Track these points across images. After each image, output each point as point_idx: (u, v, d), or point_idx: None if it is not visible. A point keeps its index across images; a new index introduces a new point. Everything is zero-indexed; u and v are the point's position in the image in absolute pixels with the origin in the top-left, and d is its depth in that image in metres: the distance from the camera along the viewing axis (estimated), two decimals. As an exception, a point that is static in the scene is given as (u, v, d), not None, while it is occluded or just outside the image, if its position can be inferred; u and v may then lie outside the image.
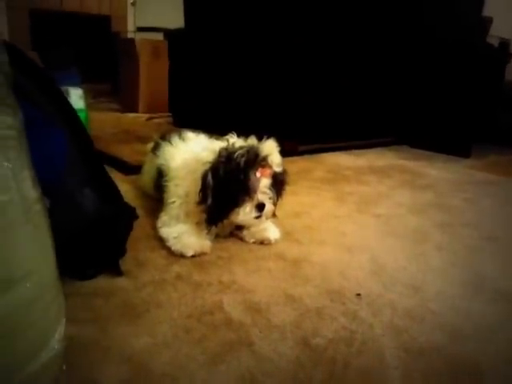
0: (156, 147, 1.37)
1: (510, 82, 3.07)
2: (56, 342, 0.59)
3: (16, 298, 0.52)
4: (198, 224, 1.13)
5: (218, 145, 1.12)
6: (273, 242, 1.18)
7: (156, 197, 1.32)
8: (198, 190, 1.07)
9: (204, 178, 1.06)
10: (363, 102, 2.63)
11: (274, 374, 0.71)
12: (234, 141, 1.11)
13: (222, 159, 1.06)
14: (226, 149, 1.08)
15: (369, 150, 2.56)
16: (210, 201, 1.06)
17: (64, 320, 0.62)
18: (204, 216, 1.10)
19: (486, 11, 3.01)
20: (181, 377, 0.69)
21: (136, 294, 0.90)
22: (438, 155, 2.54)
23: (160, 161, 1.28)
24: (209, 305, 0.88)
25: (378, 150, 2.60)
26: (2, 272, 0.50)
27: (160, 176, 1.25)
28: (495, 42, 2.94)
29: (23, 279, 0.53)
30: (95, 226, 0.93)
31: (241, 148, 1.07)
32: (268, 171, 1.08)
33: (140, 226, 1.11)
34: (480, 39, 2.65)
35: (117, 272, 0.96)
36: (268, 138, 1.11)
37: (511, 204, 1.74)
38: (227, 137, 1.14)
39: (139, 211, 1.07)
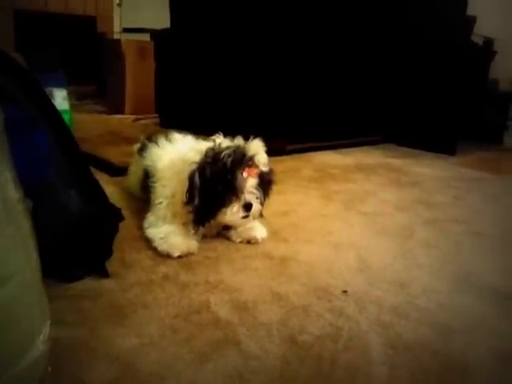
0: (142, 148, 1.37)
1: (494, 79, 3.12)
2: (41, 343, 0.58)
3: (3, 297, 0.51)
4: (184, 224, 1.13)
5: (204, 145, 1.12)
6: (260, 241, 1.18)
7: (142, 198, 1.32)
8: (185, 190, 1.07)
9: (191, 178, 1.06)
10: (350, 101, 2.65)
11: (261, 372, 0.71)
12: (221, 141, 1.11)
13: (209, 159, 1.06)
14: (212, 149, 1.08)
15: (356, 149, 2.58)
16: (196, 201, 1.06)
17: (48, 321, 0.61)
18: (191, 216, 1.10)
19: (470, 10, 3.05)
20: (168, 376, 0.69)
21: (123, 295, 0.90)
22: (425, 153, 2.56)
23: (147, 162, 1.28)
24: (196, 304, 0.88)
25: (366, 148, 2.62)
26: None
27: (147, 177, 1.25)
28: (479, 41, 2.98)
29: (9, 277, 0.53)
30: (81, 227, 0.93)
31: (227, 148, 1.07)
32: (254, 171, 1.08)
33: (126, 227, 1.10)
34: (464, 38, 2.67)
35: (103, 273, 0.95)
36: (254, 137, 1.12)
37: (497, 200, 1.77)
38: (214, 137, 1.14)
39: (125, 212, 1.07)
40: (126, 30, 3.93)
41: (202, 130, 1.71)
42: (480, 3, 3.03)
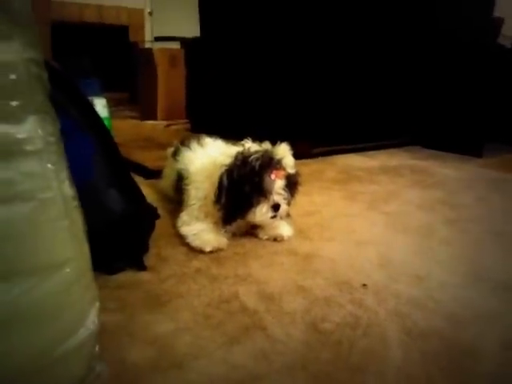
0: (176, 152, 1.46)
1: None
2: (91, 323, 0.67)
3: (59, 281, 0.60)
4: (216, 223, 1.21)
5: (234, 149, 1.20)
6: (285, 238, 1.25)
7: (175, 199, 1.41)
8: (215, 190, 1.15)
9: (220, 179, 1.14)
10: (376, 103, 2.69)
11: (284, 354, 0.78)
12: (250, 145, 1.19)
13: (238, 162, 1.14)
14: (241, 153, 1.16)
15: (381, 151, 2.61)
16: (223, 200, 1.14)
17: (97, 303, 0.70)
18: (220, 215, 1.18)
19: (498, 12, 3.04)
20: (201, 356, 0.76)
21: (159, 286, 0.98)
22: (451, 155, 2.57)
23: (180, 165, 1.36)
24: (226, 295, 0.96)
25: (391, 150, 2.65)
26: (48, 258, 0.58)
27: (180, 179, 1.34)
28: (508, 42, 2.97)
29: (64, 265, 0.61)
30: (121, 224, 1.02)
31: (256, 152, 1.15)
32: (282, 173, 1.16)
33: (161, 225, 1.19)
34: (491, 40, 2.68)
35: (141, 266, 1.04)
36: (281, 142, 1.19)
37: (521, 201, 1.78)
38: (243, 142, 1.22)
39: (160, 212, 1.15)
40: (157, 39, 4.07)
41: (231, 134, 1.80)
42: (508, 4, 3.02)
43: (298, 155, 1.25)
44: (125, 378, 0.71)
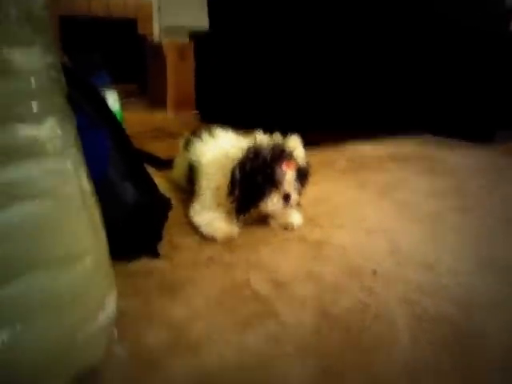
0: (187, 143, 1.48)
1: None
2: (110, 308, 0.70)
3: (80, 271, 0.63)
4: (228, 213, 1.23)
5: (245, 142, 1.22)
6: (295, 227, 1.27)
7: (187, 189, 1.43)
8: (228, 183, 1.18)
9: (232, 172, 1.17)
10: (385, 91, 2.68)
11: (296, 337, 0.80)
12: (261, 138, 1.21)
13: (250, 155, 1.17)
14: (253, 146, 1.19)
15: (391, 139, 2.61)
16: (237, 192, 1.16)
17: (115, 291, 0.73)
18: (233, 207, 1.21)
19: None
20: (215, 339, 0.79)
21: (172, 273, 1.01)
22: (461, 142, 2.56)
23: (191, 156, 1.39)
24: (238, 282, 0.99)
25: (401, 138, 2.65)
26: (69, 250, 0.61)
27: (191, 170, 1.36)
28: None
29: (84, 255, 0.64)
30: (135, 214, 1.05)
31: (267, 145, 1.17)
32: (293, 164, 1.18)
33: (174, 214, 1.22)
34: (503, 27, 2.65)
35: (155, 254, 1.07)
36: (292, 133, 1.22)
37: (532, 187, 1.78)
38: (254, 134, 1.24)
39: (172, 201, 1.18)
40: (166, 32, 4.07)
41: (240, 124, 1.81)
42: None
43: (307, 144, 1.27)
44: (142, 360, 0.74)
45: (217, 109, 2.86)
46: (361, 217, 1.39)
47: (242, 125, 1.86)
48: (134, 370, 0.72)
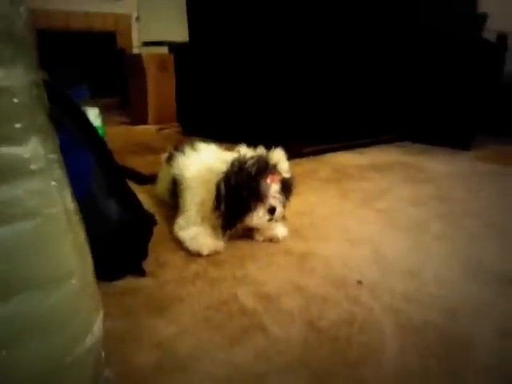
0: (170, 158, 1.48)
1: (509, 73, 3.14)
2: (97, 330, 0.69)
3: (65, 293, 0.62)
4: (213, 227, 1.23)
5: (229, 156, 1.23)
6: (281, 239, 1.28)
7: (171, 203, 1.43)
8: (213, 198, 1.18)
9: (217, 187, 1.17)
10: (364, 101, 2.72)
11: (284, 352, 0.81)
12: (245, 151, 1.21)
13: (235, 169, 1.17)
14: (237, 160, 1.19)
15: (372, 148, 2.65)
16: (223, 207, 1.16)
17: (102, 312, 0.72)
18: (219, 222, 1.20)
19: (484, 7, 3.09)
20: (203, 357, 0.79)
21: (159, 291, 1.01)
22: (440, 149, 2.61)
23: (175, 171, 1.39)
24: (225, 297, 0.98)
25: (381, 147, 2.69)
26: (54, 271, 0.60)
27: (175, 184, 1.36)
28: (493, 36, 3.01)
29: (70, 277, 0.63)
30: (120, 232, 1.04)
31: (251, 158, 1.18)
32: (277, 177, 1.19)
33: (158, 230, 1.21)
34: (475, 35, 2.72)
35: (141, 272, 1.07)
36: (276, 147, 1.22)
37: (511, 192, 1.82)
38: (238, 148, 1.24)
39: (157, 217, 1.18)
40: (145, 44, 4.08)
41: (222, 137, 1.82)
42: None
43: (290, 155, 1.28)
44: (131, 382, 0.73)
45: (199, 122, 2.87)
46: (344, 227, 1.40)
47: (224, 138, 1.87)
48: (122, 392, 0.72)
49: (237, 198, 1.15)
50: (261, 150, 1.22)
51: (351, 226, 1.42)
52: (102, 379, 0.70)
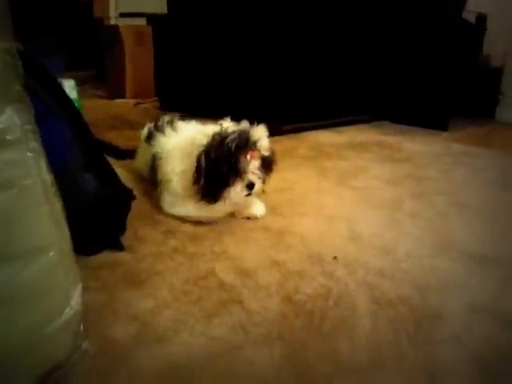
0: (150, 137, 1.45)
1: (486, 55, 3.18)
2: (75, 303, 0.69)
3: (43, 265, 0.62)
4: (195, 194, 1.22)
5: (211, 129, 1.21)
6: (258, 217, 1.28)
7: (150, 179, 1.42)
8: (193, 170, 1.17)
9: (198, 160, 1.16)
10: (344, 80, 2.72)
11: (261, 324, 0.82)
12: (227, 125, 1.20)
13: (215, 143, 1.16)
14: (219, 133, 1.18)
15: (350, 127, 2.66)
16: (202, 181, 1.16)
17: (80, 285, 0.72)
18: (198, 195, 1.20)
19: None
20: (181, 330, 0.80)
21: (137, 265, 1.01)
22: (418, 129, 2.65)
23: (156, 149, 1.36)
24: (203, 271, 0.99)
25: (360, 126, 2.70)
26: (31, 242, 0.60)
27: (155, 160, 1.34)
28: (473, 17, 3.04)
29: (47, 249, 0.63)
30: (97, 206, 1.03)
31: (233, 133, 1.17)
32: (257, 154, 1.19)
33: (137, 205, 1.20)
34: (455, 16, 2.73)
35: (119, 247, 1.06)
36: (258, 123, 1.21)
37: (483, 173, 1.86)
38: (221, 121, 1.23)
39: (135, 192, 1.17)
40: (123, 15, 3.97)
41: (201, 112, 1.80)
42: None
43: (270, 133, 1.28)
44: (109, 354, 0.74)
45: (177, 97, 2.83)
46: (322, 204, 1.42)
47: (203, 113, 1.85)
48: (101, 364, 0.72)
49: (216, 172, 1.15)
50: (244, 125, 1.21)
51: (328, 203, 1.44)
52: (80, 351, 0.71)
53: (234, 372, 0.72)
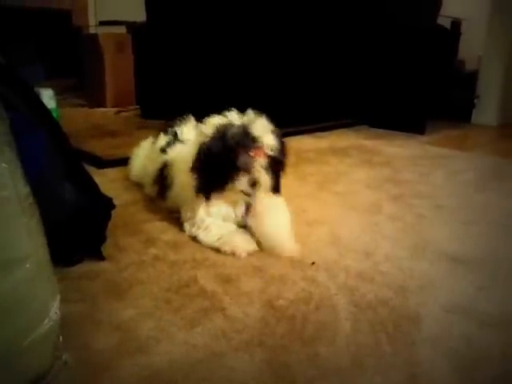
0: (167, 145, 1.43)
1: (461, 59, 3.25)
2: (54, 314, 0.69)
3: (19, 277, 0.62)
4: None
5: (217, 120, 1.18)
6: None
7: (150, 190, 1.43)
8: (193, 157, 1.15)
9: (199, 149, 1.14)
10: (324, 85, 2.75)
11: (243, 331, 0.83)
12: (232, 117, 1.17)
13: (216, 136, 1.13)
14: (222, 126, 1.14)
15: (331, 132, 2.69)
16: (199, 172, 1.14)
17: (58, 296, 0.72)
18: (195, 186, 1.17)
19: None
20: (163, 338, 0.80)
21: (119, 275, 1.01)
22: (396, 134, 2.69)
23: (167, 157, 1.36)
24: (185, 279, 0.99)
25: (340, 131, 2.73)
26: (7, 255, 0.60)
27: (164, 170, 1.34)
28: (447, 22, 3.10)
29: (24, 261, 0.63)
30: (76, 215, 1.03)
31: (235, 127, 1.13)
32: (261, 151, 1.13)
33: (117, 214, 1.20)
34: (430, 22, 2.78)
35: (99, 257, 1.06)
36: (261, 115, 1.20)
37: (459, 175, 1.90)
38: (226, 113, 1.20)
39: (115, 201, 1.17)
40: (102, 23, 3.95)
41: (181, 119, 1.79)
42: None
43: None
44: (92, 364, 0.74)
45: (158, 104, 2.82)
46: (302, 209, 1.43)
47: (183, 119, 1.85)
48: (82, 376, 0.72)
49: (214, 166, 1.12)
50: (249, 117, 1.18)
51: (309, 207, 1.45)
52: (60, 363, 0.70)
53: (215, 378, 0.72)
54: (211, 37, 2.41)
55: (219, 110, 1.26)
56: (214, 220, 1.19)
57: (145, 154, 1.56)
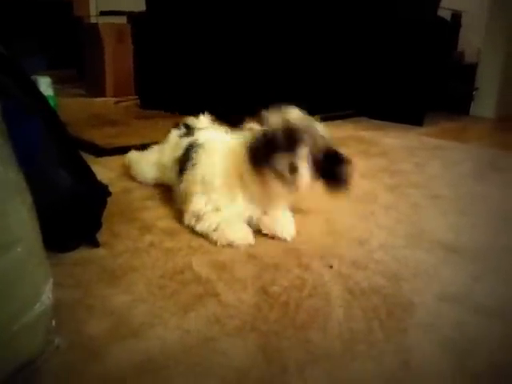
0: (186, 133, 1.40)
1: (460, 51, 3.24)
2: (46, 298, 0.69)
3: (11, 260, 0.62)
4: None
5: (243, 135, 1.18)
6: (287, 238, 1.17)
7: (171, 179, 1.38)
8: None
9: (253, 140, 1.11)
10: (323, 76, 2.74)
11: (236, 317, 0.83)
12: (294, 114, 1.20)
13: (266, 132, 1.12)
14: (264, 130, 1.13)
15: (329, 123, 2.67)
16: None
17: (51, 280, 0.72)
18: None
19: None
20: (157, 324, 0.80)
21: (113, 261, 1.01)
22: (394, 125, 2.68)
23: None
24: (179, 266, 1.00)
25: (338, 122, 2.73)
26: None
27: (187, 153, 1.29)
28: (447, 14, 3.08)
29: (15, 244, 0.63)
30: (71, 202, 1.03)
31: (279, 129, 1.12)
32: (312, 148, 1.14)
33: (113, 202, 1.20)
34: (431, 14, 2.77)
35: (94, 243, 1.06)
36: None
37: (456, 166, 1.90)
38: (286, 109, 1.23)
39: (112, 189, 1.16)
40: (103, 13, 3.93)
41: (181, 110, 1.80)
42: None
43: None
44: (84, 349, 0.74)
45: (157, 95, 2.82)
46: (299, 199, 1.43)
47: (183, 111, 1.86)
48: (74, 360, 0.72)
49: (271, 139, 1.09)
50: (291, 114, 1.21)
51: (304, 197, 1.45)
52: (52, 347, 0.71)
53: (208, 363, 0.73)
54: (211, 27, 2.40)
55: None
56: (213, 210, 1.16)
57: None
